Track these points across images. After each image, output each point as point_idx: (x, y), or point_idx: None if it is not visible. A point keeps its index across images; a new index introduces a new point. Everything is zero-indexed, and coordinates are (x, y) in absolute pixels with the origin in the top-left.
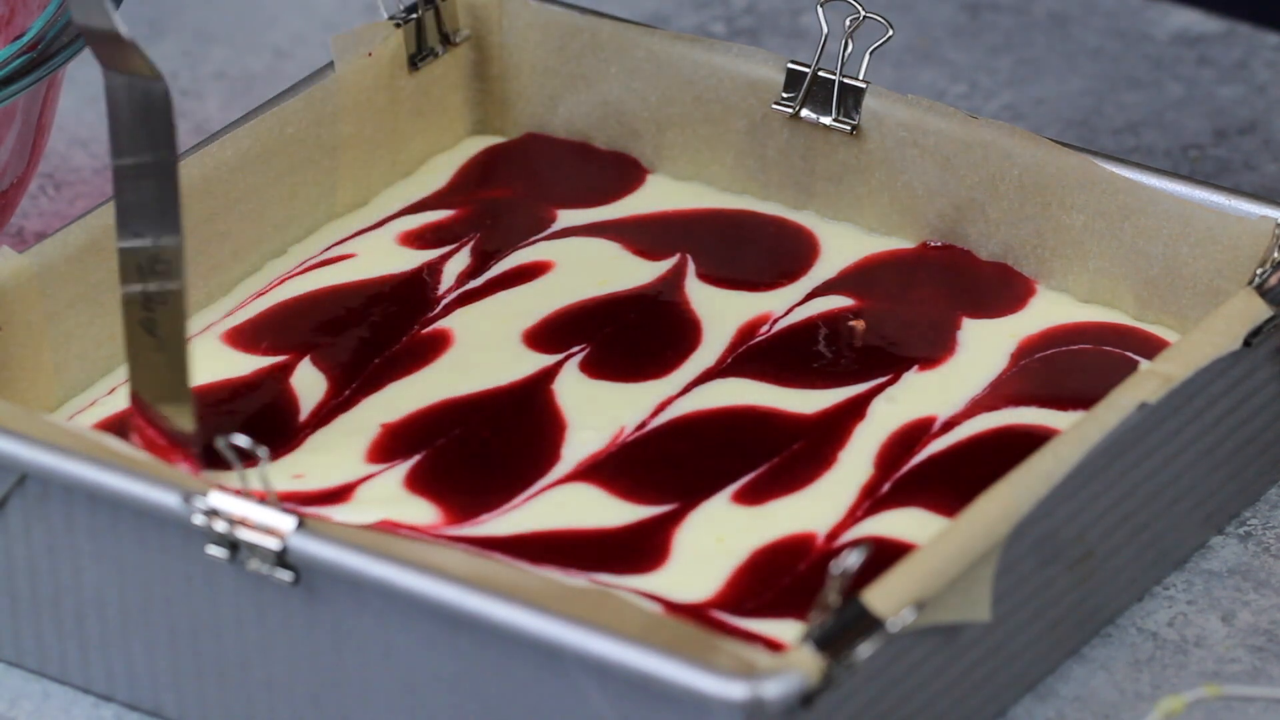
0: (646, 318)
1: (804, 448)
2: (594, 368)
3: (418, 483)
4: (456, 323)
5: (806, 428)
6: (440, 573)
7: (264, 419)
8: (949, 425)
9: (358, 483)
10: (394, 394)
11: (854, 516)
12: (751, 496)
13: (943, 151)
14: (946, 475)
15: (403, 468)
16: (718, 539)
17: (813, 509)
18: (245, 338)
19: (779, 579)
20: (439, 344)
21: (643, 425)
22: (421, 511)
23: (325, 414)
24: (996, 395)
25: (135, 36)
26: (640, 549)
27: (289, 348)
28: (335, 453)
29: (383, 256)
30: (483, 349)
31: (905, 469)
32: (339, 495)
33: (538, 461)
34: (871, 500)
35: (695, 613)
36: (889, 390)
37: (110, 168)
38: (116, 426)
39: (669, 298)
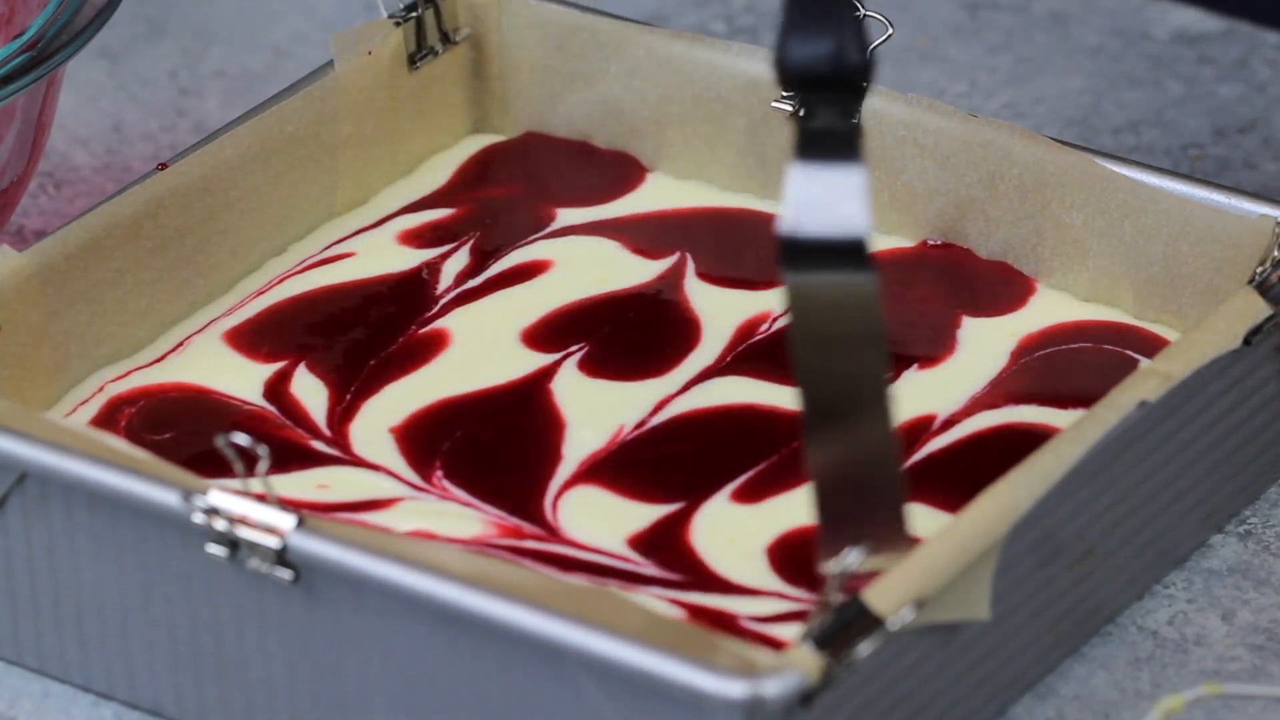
0: (646, 316)
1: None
2: (593, 366)
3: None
4: (455, 322)
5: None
6: (440, 572)
7: (280, 431)
8: (949, 424)
9: (393, 500)
10: (396, 396)
11: None
12: (752, 495)
13: (942, 150)
14: (946, 474)
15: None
16: (729, 540)
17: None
18: (246, 339)
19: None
20: (437, 343)
21: (642, 424)
22: (467, 523)
23: (336, 422)
24: (996, 394)
25: (134, 36)
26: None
27: (289, 350)
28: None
29: (382, 255)
30: (481, 348)
31: (904, 467)
32: (371, 506)
33: (540, 462)
34: None
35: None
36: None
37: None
38: (105, 423)
39: (668, 296)
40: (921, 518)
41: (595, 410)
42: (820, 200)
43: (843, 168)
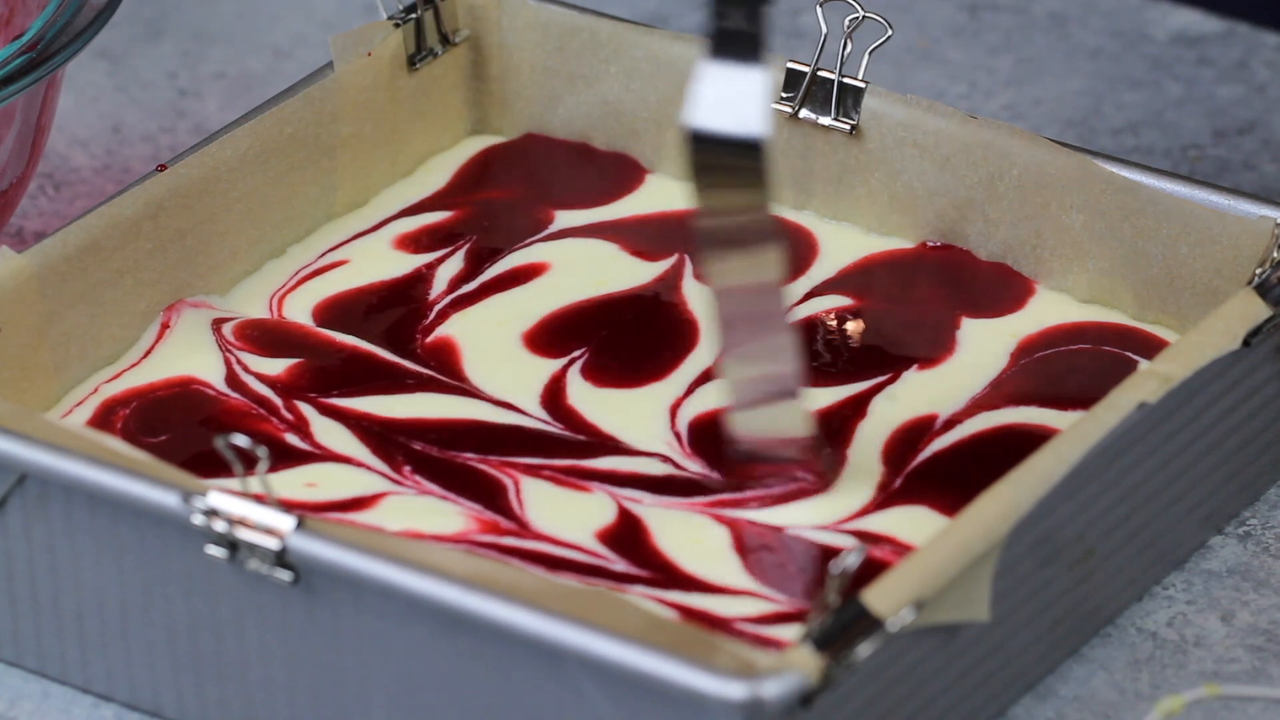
0: (644, 319)
1: None
2: (594, 373)
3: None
4: (454, 326)
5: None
6: (440, 573)
7: (272, 429)
8: (949, 425)
9: (379, 495)
10: (401, 397)
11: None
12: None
13: (942, 151)
14: (947, 474)
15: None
16: (693, 540)
17: (828, 505)
18: (248, 338)
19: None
20: (440, 346)
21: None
22: (450, 518)
23: (330, 420)
24: (996, 395)
25: (134, 37)
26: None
27: (286, 355)
28: (347, 462)
29: (377, 262)
30: (482, 351)
31: (908, 468)
32: (356, 505)
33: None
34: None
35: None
36: (889, 389)
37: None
38: (101, 425)
39: (667, 298)
40: (922, 518)
41: (612, 424)
42: (723, 99)
43: (746, 69)
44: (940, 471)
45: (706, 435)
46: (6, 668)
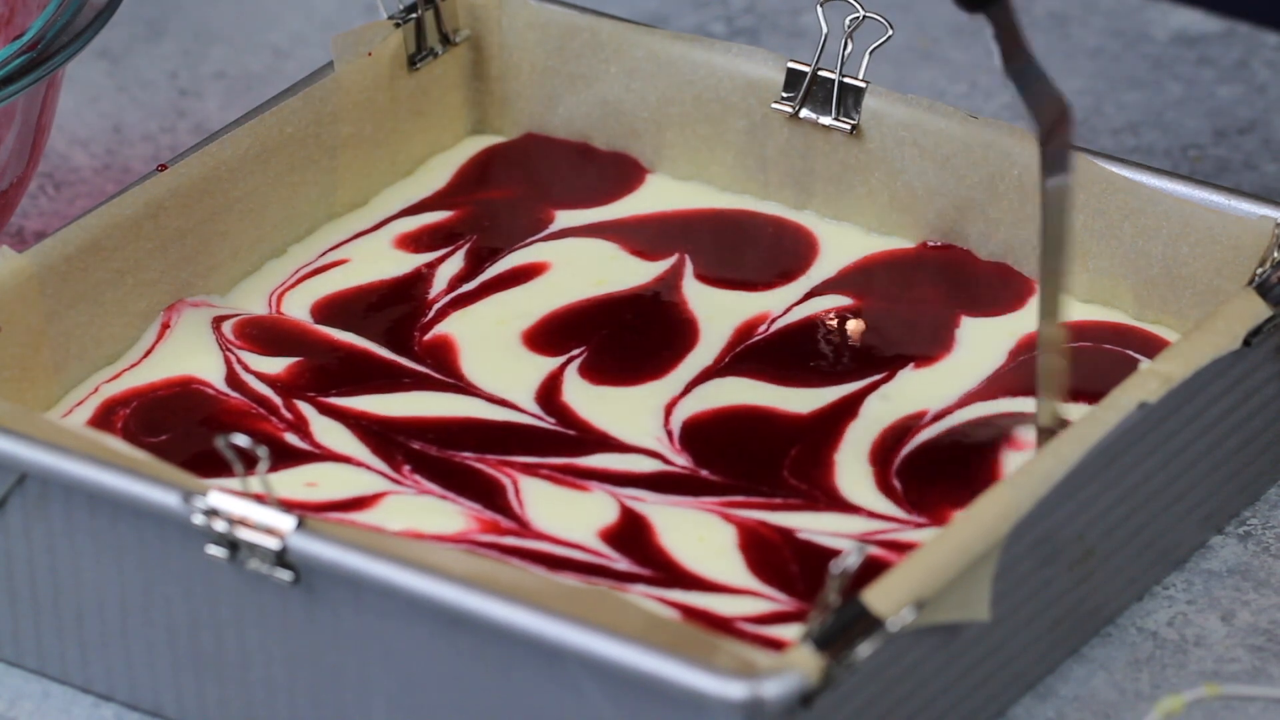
0: (644, 318)
1: (800, 452)
2: (592, 371)
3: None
4: (454, 325)
5: (803, 427)
6: (440, 573)
7: (272, 429)
8: (940, 415)
9: (380, 495)
10: (398, 395)
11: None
12: (725, 493)
13: (942, 151)
14: (940, 460)
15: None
16: (699, 539)
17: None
18: (247, 335)
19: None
20: (438, 344)
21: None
22: (450, 518)
23: (330, 419)
24: (992, 389)
25: (134, 36)
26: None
27: (286, 354)
28: (346, 461)
29: (378, 261)
30: (481, 349)
31: (901, 455)
32: (357, 504)
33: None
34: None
35: (704, 615)
36: (883, 388)
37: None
38: (101, 425)
39: (667, 298)
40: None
41: (605, 421)
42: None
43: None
44: (934, 459)
45: (699, 434)
46: (6, 668)
